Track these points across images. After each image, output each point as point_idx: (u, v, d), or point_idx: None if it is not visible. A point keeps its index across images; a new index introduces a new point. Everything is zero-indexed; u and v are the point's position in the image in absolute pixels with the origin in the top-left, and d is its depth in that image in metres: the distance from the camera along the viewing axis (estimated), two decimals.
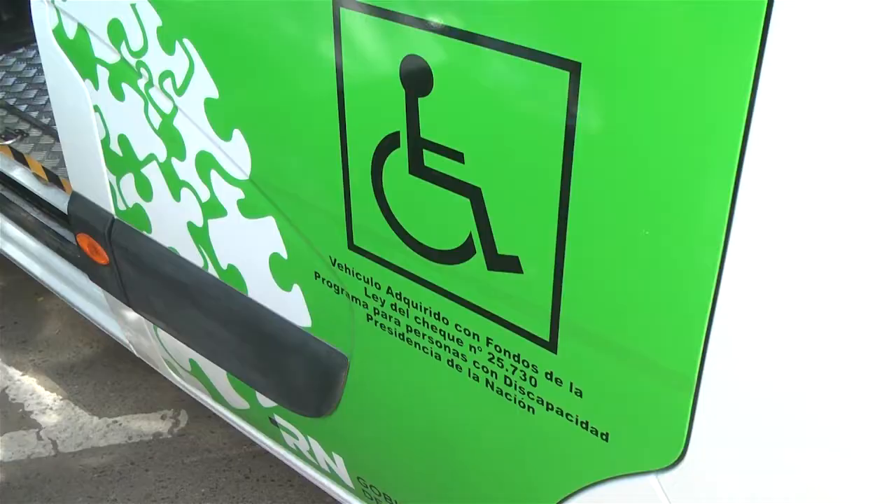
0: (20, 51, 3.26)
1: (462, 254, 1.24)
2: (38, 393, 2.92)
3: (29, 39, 3.28)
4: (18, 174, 2.72)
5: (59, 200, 2.55)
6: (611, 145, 1.01)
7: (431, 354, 1.40)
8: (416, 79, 1.15)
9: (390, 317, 1.43)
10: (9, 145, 2.72)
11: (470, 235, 1.21)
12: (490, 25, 1.05)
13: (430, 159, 1.19)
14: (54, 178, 2.57)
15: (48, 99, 2.89)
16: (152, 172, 1.74)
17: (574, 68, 1.00)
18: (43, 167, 2.59)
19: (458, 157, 1.16)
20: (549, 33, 1.01)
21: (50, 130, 2.75)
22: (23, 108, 2.90)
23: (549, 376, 1.25)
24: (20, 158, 2.70)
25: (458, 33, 1.08)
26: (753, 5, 0.84)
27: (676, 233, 1.00)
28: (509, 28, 1.04)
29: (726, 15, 0.87)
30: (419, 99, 1.16)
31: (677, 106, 0.94)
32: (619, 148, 1.01)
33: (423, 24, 1.11)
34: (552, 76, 1.02)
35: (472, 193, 1.17)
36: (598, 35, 0.97)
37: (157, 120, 1.64)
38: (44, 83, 2.98)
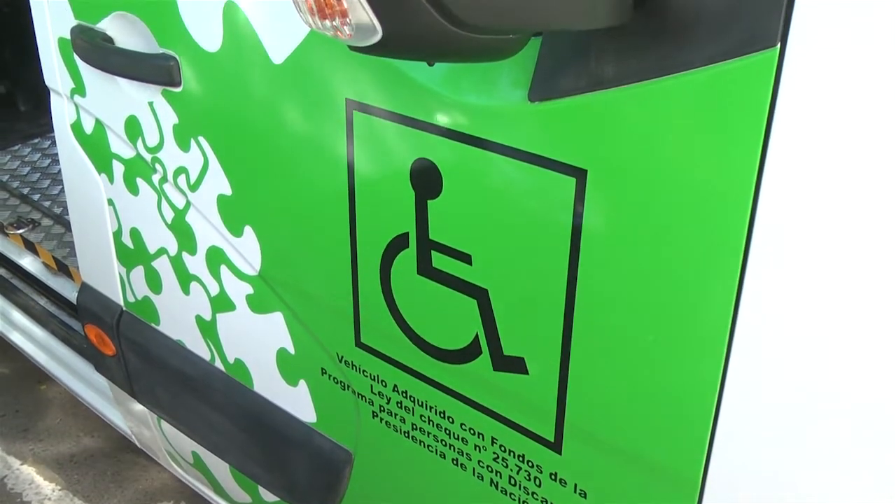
0: (36, 140, 3.33)
1: (468, 354, 1.25)
2: (37, 483, 2.90)
3: (44, 130, 3.35)
4: (28, 262, 2.75)
5: (68, 290, 2.57)
6: (616, 251, 1.03)
7: (436, 453, 1.40)
8: (426, 181, 1.18)
9: (396, 414, 1.44)
10: (20, 234, 2.76)
11: (476, 336, 1.22)
12: (499, 132, 1.08)
13: (438, 260, 1.21)
14: (63, 268, 2.60)
15: (61, 188, 2.94)
16: (163, 266, 1.76)
17: (580, 175, 1.02)
18: (53, 256, 2.63)
19: (465, 258, 1.18)
20: (557, 141, 1.04)
21: (61, 220, 2.79)
22: (36, 197, 2.94)
23: (553, 477, 1.25)
24: (30, 247, 2.73)
25: (467, 138, 1.11)
26: (754, 118, 0.87)
27: (681, 338, 1.02)
28: (517, 135, 1.07)
29: (727, 128, 0.90)
30: (428, 201, 1.19)
31: (682, 213, 0.96)
32: (625, 253, 1.03)
33: (433, 129, 1.15)
34: (559, 182, 1.04)
35: (479, 294, 1.19)
36: (604, 143, 1.00)
37: (169, 215, 1.67)
38: (57, 173, 3.04)
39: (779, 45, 0.84)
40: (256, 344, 1.66)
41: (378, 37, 0.84)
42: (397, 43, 0.85)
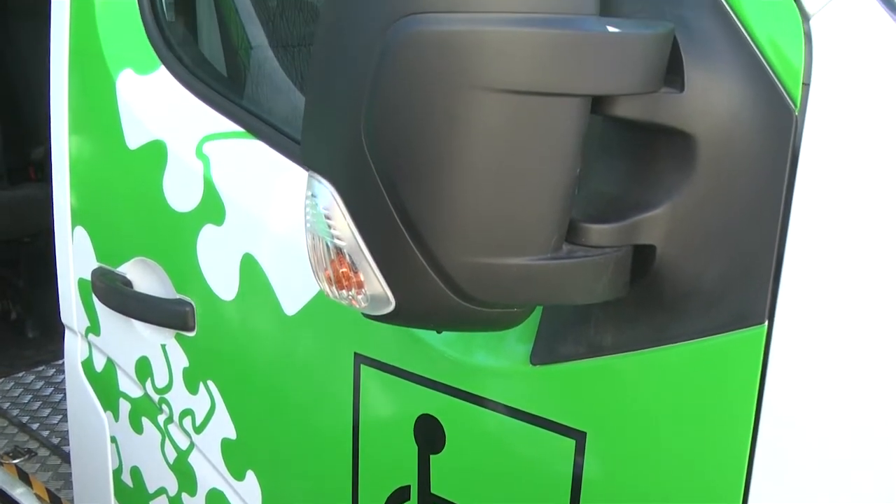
0: (40, 368, 3.36)
1: None
2: None
3: (50, 357, 3.39)
4: (20, 493, 2.72)
5: None
6: None
7: None
8: (430, 437, 1.21)
9: None
10: (15, 464, 2.74)
11: None
12: (501, 392, 1.12)
13: None
14: (56, 501, 2.57)
15: (61, 417, 2.95)
16: None
17: (580, 437, 1.06)
18: (46, 489, 2.60)
19: None
20: (557, 403, 1.08)
21: (58, 451, 2.78)
22: (35, 426, 2.95)
23: None
24: (24, 478, 2.71)
25: (471, 397, 1.15)
26: (744, 389, 0.92)
27: None
28: (519, 396, 1.11)
29: (720, 396, 0.95)
30: (431, 455, 1.22)
31: (679, 475, 0.99)
32: None
33: (438, 386, 1.19)
34: (559, 443, 1.08)
35: None
36: (603, 407, 1.04)
37: (172, 455, 1.69)
38: (58, 402, 3.06)
39: (766, 323, 0.90)
40: None
41: (391, 308, 0.90)
42: (409, 314, 0.91)
